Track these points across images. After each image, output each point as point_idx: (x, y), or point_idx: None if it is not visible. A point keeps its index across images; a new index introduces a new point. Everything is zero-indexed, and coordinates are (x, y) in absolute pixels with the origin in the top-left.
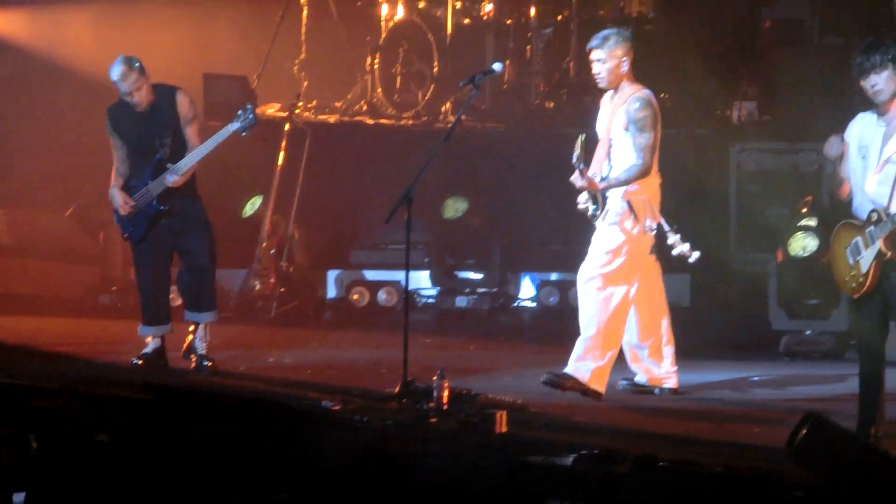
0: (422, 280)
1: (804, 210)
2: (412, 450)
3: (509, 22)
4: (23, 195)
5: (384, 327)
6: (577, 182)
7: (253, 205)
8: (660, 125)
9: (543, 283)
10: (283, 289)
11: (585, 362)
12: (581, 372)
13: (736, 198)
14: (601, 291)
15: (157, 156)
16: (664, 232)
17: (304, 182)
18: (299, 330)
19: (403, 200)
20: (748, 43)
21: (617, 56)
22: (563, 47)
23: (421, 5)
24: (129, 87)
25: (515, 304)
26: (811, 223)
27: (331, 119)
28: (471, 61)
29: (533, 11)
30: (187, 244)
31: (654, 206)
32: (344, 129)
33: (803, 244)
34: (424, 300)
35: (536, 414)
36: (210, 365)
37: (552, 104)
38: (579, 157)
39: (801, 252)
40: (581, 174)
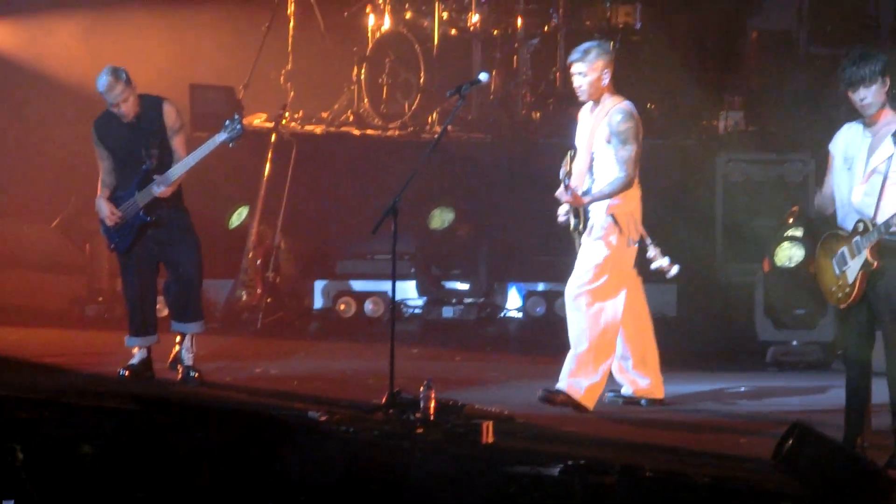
0: (408, 290)
1: (790, 220)
2: (399, 460)
3: (496, 32)
4: (9, 206)
5: (371, 338)
6: (562, 197)
7: (239, 215)
8: (641, 137)
9: (530, 294)
10: (269, 299)
11: (578, 379)
12: (574, 388)
13: (722, 208)
14: (590, 307)
15: (144, 167)
16: (645, 245)
17: (290, 193)
18: (286, 340)
19: (390, 211)
20: (734, 53)
21: (598, 69)
22: (550, 58)
23: (408, 16)
24: (116, 98)
25: (502, 314)
26: (797, 233)
27: (317, 130)
28: (457, 72)
29: (519, 22)
30: (174, 255)
31: (637, 218)
32: (330, 139)
33: (790, 254)
34: (411, 311)
35: (523, 425)
36: (197, 376)
37: (539, 114)
38: (567, 172)
39: (787, 262)
40: (566, 189)
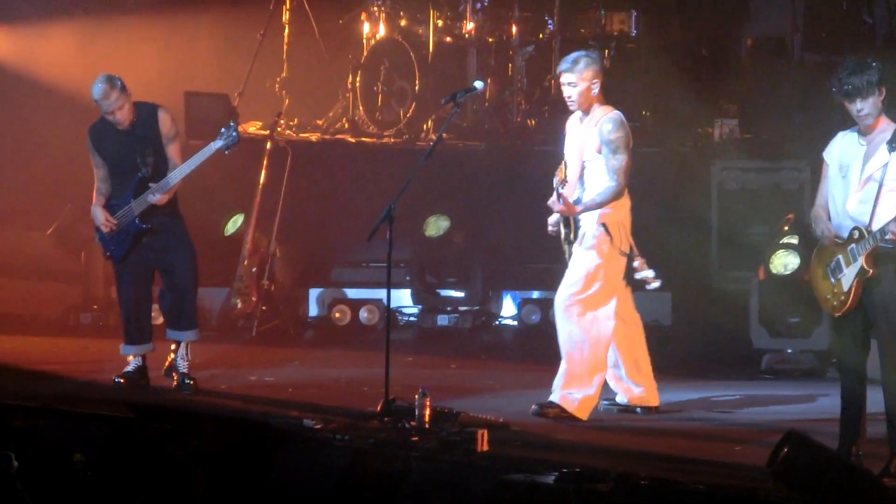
0: (403, 298)
1: (786, 228)
2: (394, 468)
3: (491, 40)
4: (4, 213)
5: (366, 346)
6: (554, 206)
7: (234, 223)
8: (631, 146)
9: (525, 302)
10: (264, 307)
11: (571, 391)
12: (568, 401)
13: (717, 216)
14: (581, 317)
15: (139, 174)
16: (632, 255)
17: (285, 200)
18: (281, 348)
19: (385, 218)
20: (729, 61)
21: (587, 79)
22: (545, 65)
23: (403, 23)
24: (111, 105)
25: (497, 322)
26: (793, 241)
27: (312, 137)
28: (452, 79)
29: (514, 30)
30: (169, 263)
31: (626, 228)
32: (325, 147)
33: (785, 262)
34: (406, 318)
35: (518, 432)
36: (192, 383)
37: (534, 122)
38: (561, 180)
39: (782, 270)
40: (559, 198)
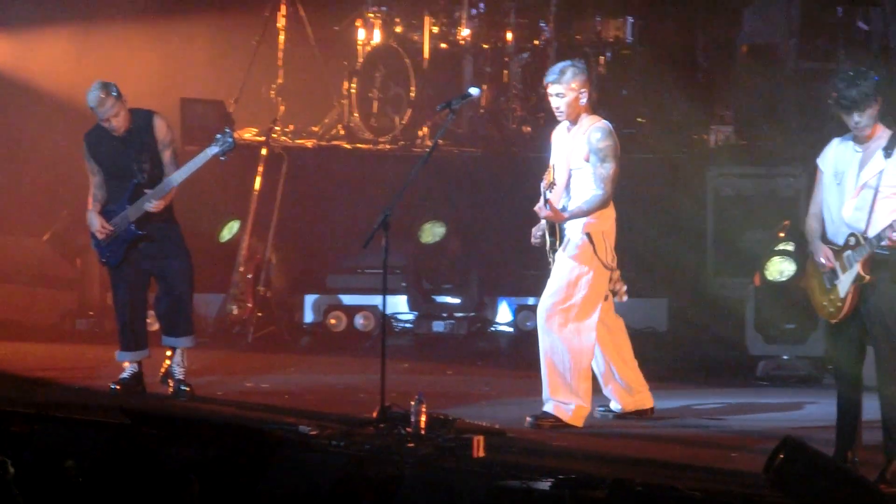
0: (399, 305)
1: (782, 234)
2: (390, 475)
3: (486, 46)
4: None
5: (361, 352)
6: (541, 212)
7: (230, 229)
8: (619, 156)
9: (521, 308)
10: (260, 313)
11: (564, 401)
12: (562, 410)
13: (713, 222)
14: (564, 328)
15: (135, 180)
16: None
17: (281, 207)
18: (276, 355)
19: (381, 225)
20: (724, 67)
21: (575, 88)
22: (540, 72)
23: (398, 30)
24: (107, 112)
25: (493, 328)
26: (789, 247)
27: (308, 143)
28: (448, 86)
29: (510, 36)
30: (164, 269)
31: (610, 239)
32: (321, 153)
33: (781, 269)
34: (402, 325)
35: (514, 439)
36: (188, 390)
37: (529, 128)
38: (548, 184)
39: (778, 277)
40: (547, 203)
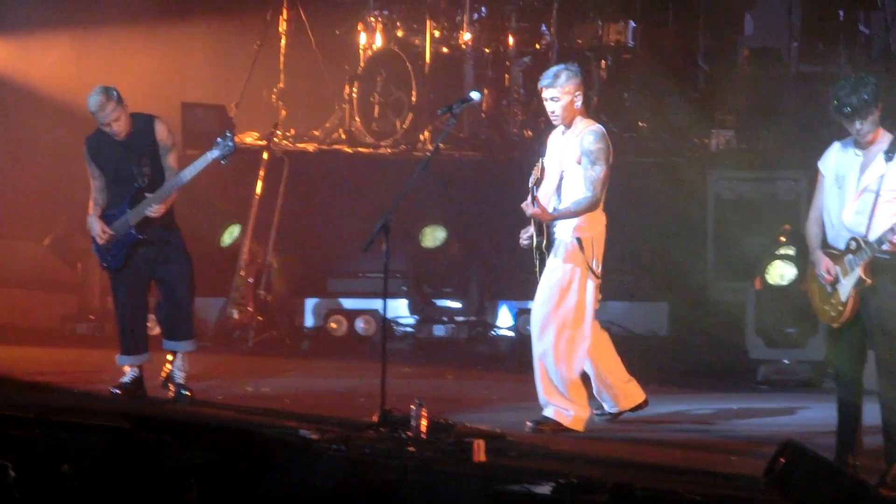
0: (400, 309)
1: (783, 239)
2: (390, 479)
3: (487, 50)
4: (0, 224)
5: (362, 356)
6: (528, 210)
7: (231, 234)
8: (611, 161)
9: (521, 312)
10: (260, 317)
11: (563, 407)
12: (562, 415)
13: (714, 226)
14: (559, 336)
15: (136, 185)
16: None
17: (282, 211)
18: (277, 359)
19: (381, 229)
20: (725, 71)
21: (570, 92)
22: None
23: (399, 34)
24: (107, 117)
25: (493, 332)
26: (789, 252)
27: (309, 147)
28: (449, 90)
29: (511, 40)
30: (165, 273)
31: (600, 245)
32: (322, 157)
33: (781, 273)
34: (402, 329)
35: (514, 443)
36: (188, 394)
37: (530, 132)
38: (536, 181)
39: (779, 280)
40: (534, 201)
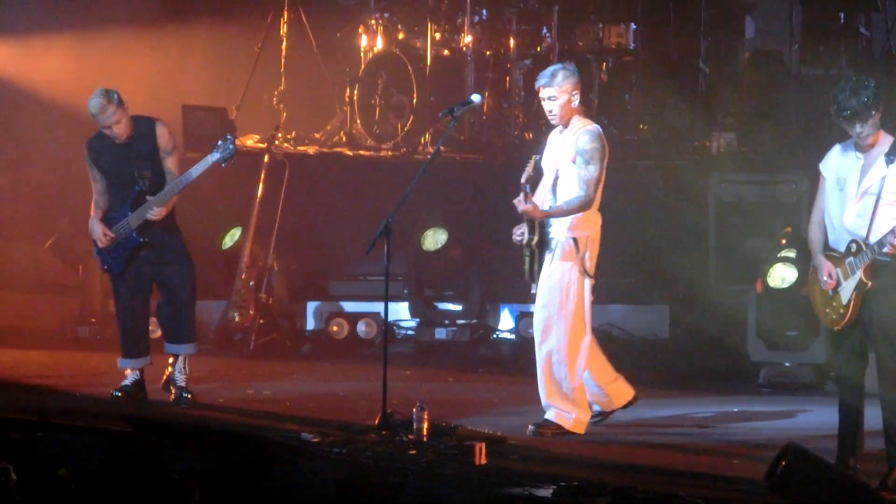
0: (401, 312)
1: (783, 241)
2: (392, 482)
3: (488, 53)
4: (1, 227)
5: (363, 359)
6: (519, 206)
7: (232, 236)
8: (606, 161)
9: (522, 315)
10: (262, 320)
11: (565, 409)
12: (563, 418)
13: (715, 229)
14: (562, 339)
15: (137, 188)
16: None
17: (283, 213)
18: (278, 362)
19: (383, 232)
20: (726, 74)
21: (567, 91)
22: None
23: (400, 37)
24: (108, 119)
25: (494, 335)
26: (790, 254)
27: (310, 150)
28: (450, 93)
29: (512, 43)
30: (167, 276)
31: (595, 245)
32: (323, 160)
33: (783, 275)
34: (404, 332)
35: (515, 446)
36: (189, 397)
37: (531, 135)
38: (528, 178)
39: (780, 283)
40: (526, 198)
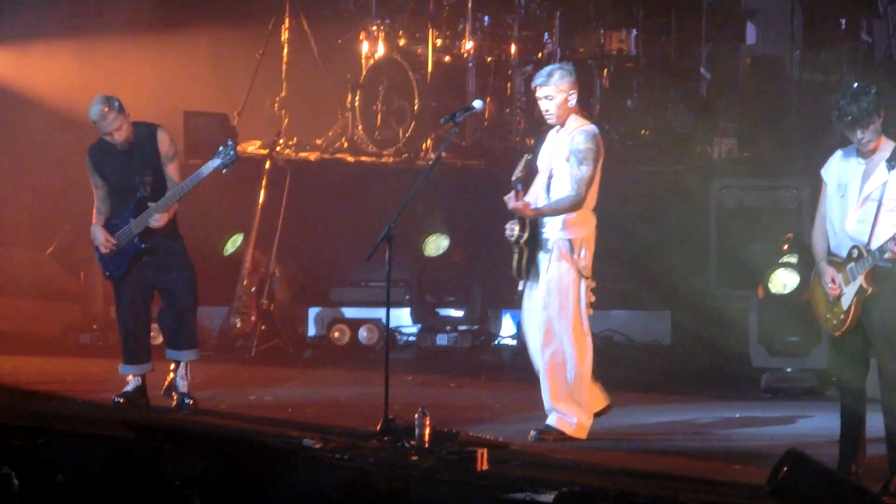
0: (403, 318)
1: (785, 247)
2: (394, 488)
3: (490, 59)
4: (2, 233)
5: (365, 365)
6: (510, 203)
7: (234, 243)
8: (601, 162)
9: None
10: (263, 327)
11: (567, 415)
12: (565, 423)
13: (716, 234)
14: (566, 338)
15: (138, 194)
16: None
17: (284, 220)
18: (280, 368)
19: (384, 238)
20: (728, 80)
21: (564, 90)
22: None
23: (401, 43)
24: (109, 126)
25: (496, 341)
26: (792, 260)
27: (311, 156)
28: (451, 99)
29: (513, 49)
30: (168, 282)
31: (590, 247)
32: (324, 166)
33: (784, 281)
34: (405, 338)
35: (517, 452)
36: (191, 403)
37: (533, 141)
38: (519, 177)
39: (781, 289)
40: (517, 196)
